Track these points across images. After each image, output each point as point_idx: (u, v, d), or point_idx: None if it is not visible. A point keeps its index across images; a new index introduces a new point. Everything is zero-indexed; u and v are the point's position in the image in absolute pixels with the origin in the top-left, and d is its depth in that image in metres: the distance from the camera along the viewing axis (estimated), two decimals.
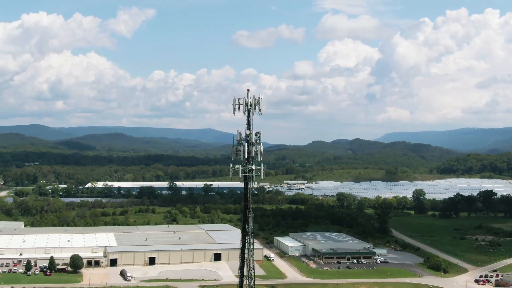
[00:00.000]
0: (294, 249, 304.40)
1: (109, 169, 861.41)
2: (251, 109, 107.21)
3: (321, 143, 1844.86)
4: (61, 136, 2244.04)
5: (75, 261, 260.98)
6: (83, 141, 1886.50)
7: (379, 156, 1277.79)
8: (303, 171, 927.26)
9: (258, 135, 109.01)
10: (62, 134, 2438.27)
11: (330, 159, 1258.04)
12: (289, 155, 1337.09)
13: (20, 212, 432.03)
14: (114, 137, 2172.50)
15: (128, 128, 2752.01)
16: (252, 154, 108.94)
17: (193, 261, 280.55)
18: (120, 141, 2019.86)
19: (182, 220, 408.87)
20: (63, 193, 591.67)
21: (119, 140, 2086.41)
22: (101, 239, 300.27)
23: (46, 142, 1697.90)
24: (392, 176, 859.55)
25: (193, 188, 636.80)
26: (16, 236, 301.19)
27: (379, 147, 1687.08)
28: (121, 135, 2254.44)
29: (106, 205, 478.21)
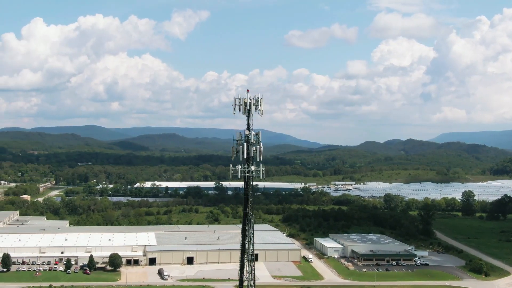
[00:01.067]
0: (333, 250, 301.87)
1: (159, 169, 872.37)
2: (250, 109, 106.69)
3: (373, 144, 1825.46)
4: (116, 137, 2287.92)
5: (114, 260, 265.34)
6: (137, 141, 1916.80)
7: (431, 157, 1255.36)
8: (351, 172, 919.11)
9: (258, 135, 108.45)
10: (117, 135, 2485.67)
11: (381, 159, 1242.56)
12: (339, 156, 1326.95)
13: (67, 211, 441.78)
14: (167, 138, 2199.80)
15: (181, 129, 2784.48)
16: (251, 155, 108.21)
17: (230, 261, 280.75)
18: (173, 142, 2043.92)
19: (224, 220, 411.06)
20: (112, 193, 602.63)
21: (172, 140, 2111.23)
22: (141, 238, 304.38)
23: (101, 142, 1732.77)
24: (443, 177, 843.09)
25: (239, 188, 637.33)
26: (59, 235, 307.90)
27: (432, 147, 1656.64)
28: (174, 136, 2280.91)
29: (151, 204, 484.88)
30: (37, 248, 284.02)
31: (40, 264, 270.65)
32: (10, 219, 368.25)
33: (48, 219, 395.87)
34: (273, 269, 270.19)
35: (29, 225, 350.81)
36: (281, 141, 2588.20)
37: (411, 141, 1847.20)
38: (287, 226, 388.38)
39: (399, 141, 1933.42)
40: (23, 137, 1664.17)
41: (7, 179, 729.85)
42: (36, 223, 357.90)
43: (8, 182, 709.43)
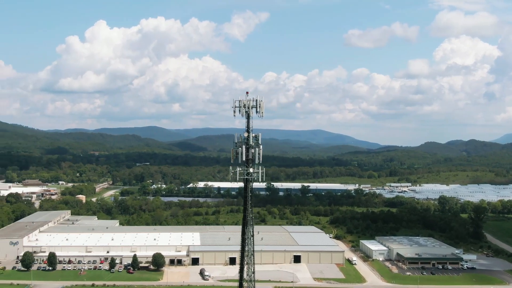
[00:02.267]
0: (378, 253, 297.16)
1: (213, 169, 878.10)
2: (249, 111, 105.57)
3: (434, 144, 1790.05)
4: (175, 138, 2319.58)
5: (157, 260, 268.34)
6: (196, 142, 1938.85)
7: (493, 158, 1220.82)
8: (408, 173, 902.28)
9: (257, 137, 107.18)
10: (177, 136, 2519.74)
11: (441, 161, 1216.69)
12: (398, 157, 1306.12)
13: (119, 211, 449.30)
14: (226, 139, 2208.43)
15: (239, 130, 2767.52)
16: (250, 157, 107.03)
17: (273, 262, 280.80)
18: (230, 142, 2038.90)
19: (270, 221, 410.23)
20: (165, 193, 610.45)
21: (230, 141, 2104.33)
22: (186, 238, 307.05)
23: (160, 143, 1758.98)
24: (503, 179, 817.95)
25: (291, 189, 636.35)
26: (106, 234, 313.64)
27: (495, 148, 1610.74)
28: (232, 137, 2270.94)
29: (202, 204, 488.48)
30: (83, 247, 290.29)
31: (85, 263, 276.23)
32: (62, 218, 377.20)
33: (100, 218, 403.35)
34: (315, 271, 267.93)
35: (79, 224, 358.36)
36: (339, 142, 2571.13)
37: (473, 142, 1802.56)
38: (334, 228, 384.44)
39: (461, 142, 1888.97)
40: (86, 138, 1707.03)
41: (65, 179, 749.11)
42: (86, 223, 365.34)
43: (66, 182, 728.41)
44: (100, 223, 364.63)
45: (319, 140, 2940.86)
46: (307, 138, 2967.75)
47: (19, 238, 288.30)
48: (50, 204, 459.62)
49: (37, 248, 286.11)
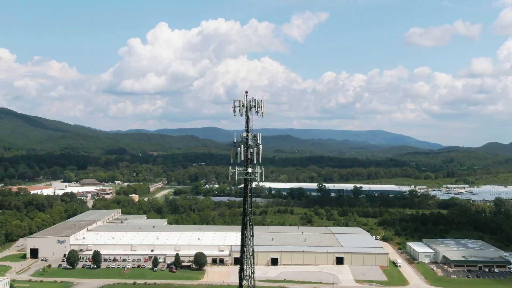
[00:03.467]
0: (424, 256, 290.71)
1: (266, 170, 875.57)
2: (248, 111, 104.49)
3: (496, 145, 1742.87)
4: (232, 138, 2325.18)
5: (199, 259, 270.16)
6: None
7: None
8: (466, 175, 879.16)
9: (256, 137, 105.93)
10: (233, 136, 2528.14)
11: (502, 162, 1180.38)
12: (458, 158, 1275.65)
13: (170, 210, 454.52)
14: (282, 139, 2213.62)
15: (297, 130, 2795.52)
16: (249, 157, 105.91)
17: (315, 263, 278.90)
18: (287, 143, 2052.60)
19: (317, 222, 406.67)
20: (217, 193, 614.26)
21: (287, 142, 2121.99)
22: (229, 238, 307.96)
23: (218, 143, 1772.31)
24: None
25: (343, 190, 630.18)
26: (152, 233, 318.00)
27: None
28: (289, 137, 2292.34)
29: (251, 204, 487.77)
30: (128, 246, 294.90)
31: (130, 262, 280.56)
32: (111, 217, 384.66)
33: (150, 218, 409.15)
34: (357, 273, 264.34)
35: (127, 223, 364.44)
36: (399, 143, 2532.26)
37: None
38: (382, 230, 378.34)
39: None
40: (146, 139, 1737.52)
41: (121, 179, 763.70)
42: (134, 222, 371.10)
43: (122, 181, 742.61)
44: (148, 222, 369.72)
45: (379, 140, 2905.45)
46: (366, 138, 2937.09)
47: (66, 237, 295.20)
48: (102, 203, 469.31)
49: (83, 246, 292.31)
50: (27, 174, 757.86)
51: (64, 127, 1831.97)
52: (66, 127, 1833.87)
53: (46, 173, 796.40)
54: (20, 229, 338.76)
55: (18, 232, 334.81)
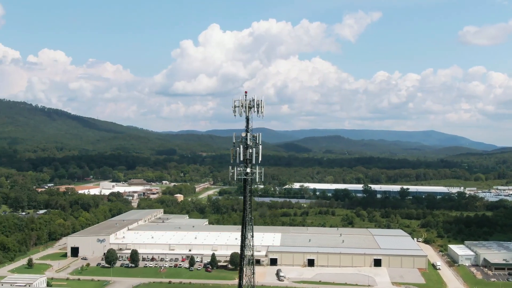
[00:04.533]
0: (464, 258, 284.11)
1: (312, 170, 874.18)
2: (248, 111, 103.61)
3: None
4: (283, 139, 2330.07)
5: (235, 259, 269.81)
6: (302, 143, 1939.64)
7: None
8: None
9: (256, 137, 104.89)
10: (284, 137, 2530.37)
11: None
12: (511, 159, 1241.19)
13: (212, 210, 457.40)
14: (333, 140, 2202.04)
15: (348, 131, 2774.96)
16: (248, 157, 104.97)
17: (352, 265, 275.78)
18: (338, 144, 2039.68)
19: (358, 224, 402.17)
20: (261, 193, 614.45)
21: (337, 142, 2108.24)
22: (267, 239, 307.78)
23: (267, 144, 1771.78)
24: None
25: (390, 191, 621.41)
26: (191, 233, 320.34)
27: None
28: (339, 138, 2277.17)
29: (293, 205, 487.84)
30: (167, 245, 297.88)
31: (167, 261, 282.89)
32: (153, 217, 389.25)
33: (192, 217, 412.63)
34: (395, 275, 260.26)
35: (168, 223, 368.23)
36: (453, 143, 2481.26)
37: None
38: (425, 232, 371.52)
39: None
40: (195, 139, 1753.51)
41: (169, 179, 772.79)
42: (176, 221, 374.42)
43: (169, 181, 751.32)
44: (189, 222, 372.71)
45: (432, 141, 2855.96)
46: (419, 139, 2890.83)
47: (106, 236, 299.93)
48: (147, 203, 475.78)
49: (122, 245, 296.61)
50: (76, 174, 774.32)
51: (116, 128, 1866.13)
52: (118, 128, 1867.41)
53: (95, 173, 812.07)
54: (63, 228, 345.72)
55: (62, 231, 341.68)
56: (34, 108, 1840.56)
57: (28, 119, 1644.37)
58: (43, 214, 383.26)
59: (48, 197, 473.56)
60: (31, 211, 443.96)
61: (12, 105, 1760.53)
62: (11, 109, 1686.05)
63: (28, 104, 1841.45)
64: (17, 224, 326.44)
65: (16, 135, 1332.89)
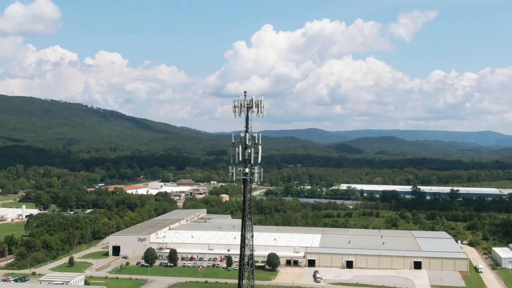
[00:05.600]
0: (508, 261, 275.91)
1: (361, 171, 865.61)
2: (245, 111, 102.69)
3: None
4: (335, 140, 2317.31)
5: (271, 259, 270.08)
6: (354, 144, 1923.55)
7: None
8: None
9: (255, 137, 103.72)
10: (336, 138, 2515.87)
11: None
12: None
13: (256, 211, 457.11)
14: (386, 141, 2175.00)
15: (402, 131, 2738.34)
16: (246, 157, 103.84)
17: (391, 268, 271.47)
18: (391, 145, 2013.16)
19: (402, 226, 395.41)
20: (308, 194, 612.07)
21: (391, 143, 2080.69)
22: (306, 240, 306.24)
23: (318, 145, 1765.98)
24: None
25: (439, 193, 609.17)
26: (230, 233, 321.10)
27: None
28: (392, 138, 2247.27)
29: (338, 206, 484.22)
30: (206, 245, 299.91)
31: (206, 261, 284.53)
32: (196, 216, 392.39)
33: (235, 218, 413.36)
34: (434, 278, 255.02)
35: (210, 223, 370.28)
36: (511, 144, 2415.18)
37: None
38: (470, 234, 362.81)
39: None
40: None
41: (217, 179, 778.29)
42: (217, 221, 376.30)
43: (217, 182, 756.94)
44: (230, 222, 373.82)
45: (489, 142, 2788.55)
46: (476, 140, 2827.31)
47: (146, 235, 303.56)
48: (191, 202, 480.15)
49: (162, 244, 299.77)
50: (127, 174, 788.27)
51: (169, 129, 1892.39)
52: (171, 129, 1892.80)
53: (146, 173, 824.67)
54: (107, 227, 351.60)
55: (106, 230, 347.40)
56: (90, 109, 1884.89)
57: (84, 120, 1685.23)
58: (89, 214, 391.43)
59: (96, 197, 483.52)
60: (79, 210, 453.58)
61: (68, 106, 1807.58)
62: (67, 111, 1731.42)
63: (83, 105, 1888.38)
64: (62, 223, 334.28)
65: (72, 136, 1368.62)
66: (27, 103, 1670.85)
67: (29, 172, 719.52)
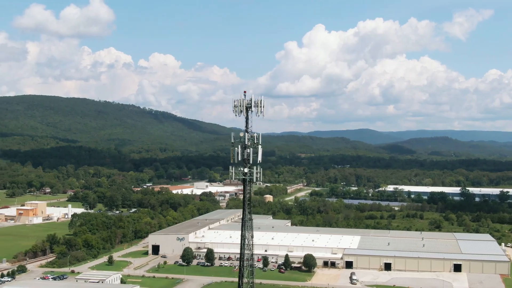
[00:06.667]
0: None
1: (411, 172, 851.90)
2: (244, 111, 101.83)
3: None
4: (387, 140, 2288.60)
5: (308, 261, 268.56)
6: (406, 145, 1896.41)
7: None
8: None
9: (254, 137, 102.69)
10: (389, 138, 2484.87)
11: None
12: None
13: (299, 211, 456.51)
14: (439, 141, 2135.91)
15: (457, 132, 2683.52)
16: (245, 157, 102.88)
17: (431, 270, 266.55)
18: (444, 145, 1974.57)
19: (446, 228, 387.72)
20: (354, 195, 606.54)
21: (444, 144, 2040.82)
22: (345, 241, 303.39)
23: (368, 146, 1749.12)
24: None
25: (489, 195, 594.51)
26: (269, 233, 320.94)
27: None
28: (446, 139, 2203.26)
29: (383, 208, 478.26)
30: None
31: None
32: (236, 216, 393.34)
33: (277, 218, 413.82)
34: (474, 281, 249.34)
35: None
36: None
37: None
38: None
39: None
40: (296, 141, 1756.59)
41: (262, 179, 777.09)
42: (258, 222, 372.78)
43: (262, 182, 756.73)
44: (270, 223, 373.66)
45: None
46: None
47: (185, 234, 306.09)
48: (234, 203, 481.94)
49: (201, 244, 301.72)
50: (175, 174, 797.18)
51: (220, 129, 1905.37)
52: (221, 129, 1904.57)
53: (193, 174, 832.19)
54: (150, 226, 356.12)
55: (148, 230, 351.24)
56: (142, 110, 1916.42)
57: (136, 121, 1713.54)
58: (132, 213, 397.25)
59: (141, 196, 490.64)
60: (124, 210, 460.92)
61: (121, 107, 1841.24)
62: (120, 112, 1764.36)
63: (136, 106, 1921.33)
64: (104, 222, 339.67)
65: (124, 136, 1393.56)
66: (81, 105, 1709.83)
67: (79, 172, 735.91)
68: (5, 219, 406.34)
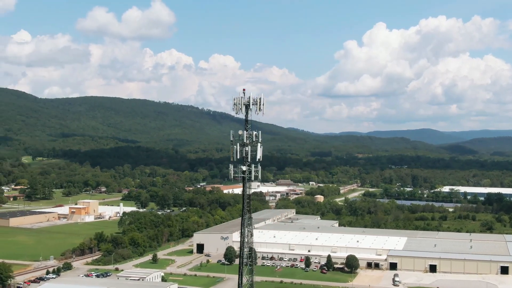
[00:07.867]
0: None
1: (469, 173, 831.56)
2: (243, 108, 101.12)
3: None
4: (449, 140, 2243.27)
5: (350, 262, 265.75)
6: (468, 145, 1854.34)
7: None
8: None
9: (253, 135, 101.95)
10: (451, 138, 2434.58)
11: None
12: None
13: (349, 212, 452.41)
14: (503, 141, 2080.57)
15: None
16: (244, 155, 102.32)
17: (477, 272, 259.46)
18: (508, 145, 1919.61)
19: (498, 229, 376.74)
20: (408, 196, 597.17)
21: (508, 144, 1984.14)
22: (390, 242, 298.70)
23: (429, 146, 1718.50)
24: None
25: None
26: (314, 233, 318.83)
27: None
28: (510, 139, 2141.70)
29: (436, 209, 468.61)
30: (287, 245, 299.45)
31: (285, 260, 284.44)
32: (283, 216, 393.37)
33: (326, 218, 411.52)
34: None
35: (296, 223, 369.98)
36: None
37: None
38: None
39: None
40: (354, 141, 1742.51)
41: (316, 180, 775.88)
42: (304, 222, 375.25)
43: (316, 182, 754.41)
44: (317, 223, 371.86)
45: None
46: None
47: (229, 234, 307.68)
48: (283, 203, 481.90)
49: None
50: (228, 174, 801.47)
51: (277, 130, 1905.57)
52: (278, 130, 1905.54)
53: None
54: (197, 225, 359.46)
55: (195, 228, 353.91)
56: (201, 111, 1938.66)
57: (194, 122, 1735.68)
58: (181, 212, 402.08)
59: (192, 196, 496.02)
60: (176, 209, 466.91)
61: (180, 108, 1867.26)
62: (179, 113, 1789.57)
63: (195, 107, 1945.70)
64: (153, 221, 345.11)
65: (182, 137, 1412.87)
66: (141, 106, 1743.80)
67: (136, 171, 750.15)
68: (58, 217, 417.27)
